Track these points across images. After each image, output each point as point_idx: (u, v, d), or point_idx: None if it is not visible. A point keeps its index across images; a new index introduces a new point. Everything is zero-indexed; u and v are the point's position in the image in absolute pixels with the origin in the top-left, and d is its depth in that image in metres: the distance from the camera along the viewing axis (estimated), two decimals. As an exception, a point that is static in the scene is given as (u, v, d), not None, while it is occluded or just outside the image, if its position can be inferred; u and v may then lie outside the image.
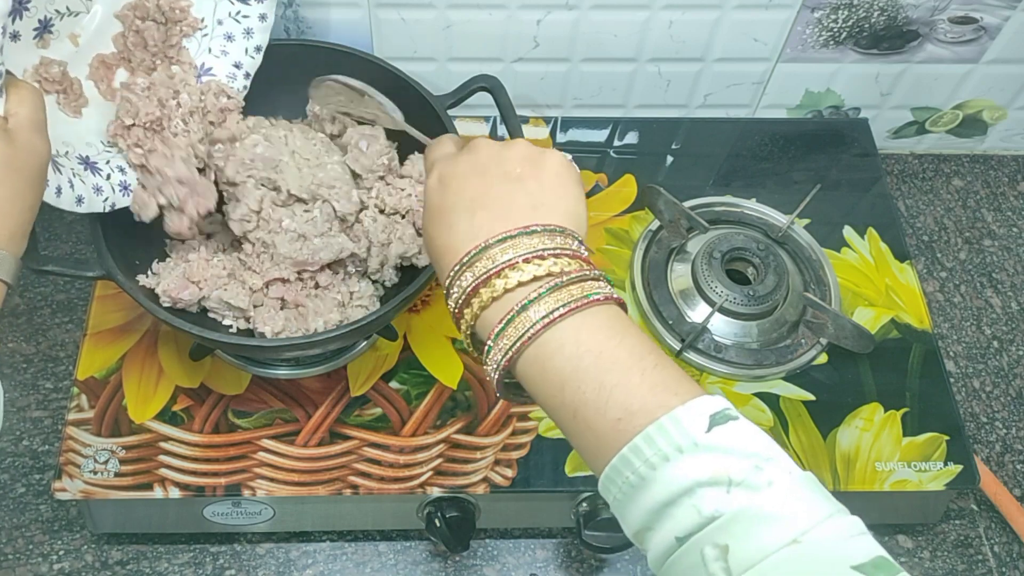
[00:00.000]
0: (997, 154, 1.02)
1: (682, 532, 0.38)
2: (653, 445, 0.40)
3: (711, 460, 0.39)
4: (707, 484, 0.38)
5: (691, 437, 0.39)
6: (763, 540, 0.37)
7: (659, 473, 0.39)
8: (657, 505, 0.39)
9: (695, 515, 0.38)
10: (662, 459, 0.39)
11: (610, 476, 0.41)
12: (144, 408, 0.73)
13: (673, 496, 0.39)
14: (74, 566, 0.74)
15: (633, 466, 0.40)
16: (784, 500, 0.38)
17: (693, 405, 0.40)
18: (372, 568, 0.75)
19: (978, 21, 0.86)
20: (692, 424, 0.40)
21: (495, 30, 0.85)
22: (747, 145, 0.93)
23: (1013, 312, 0.91)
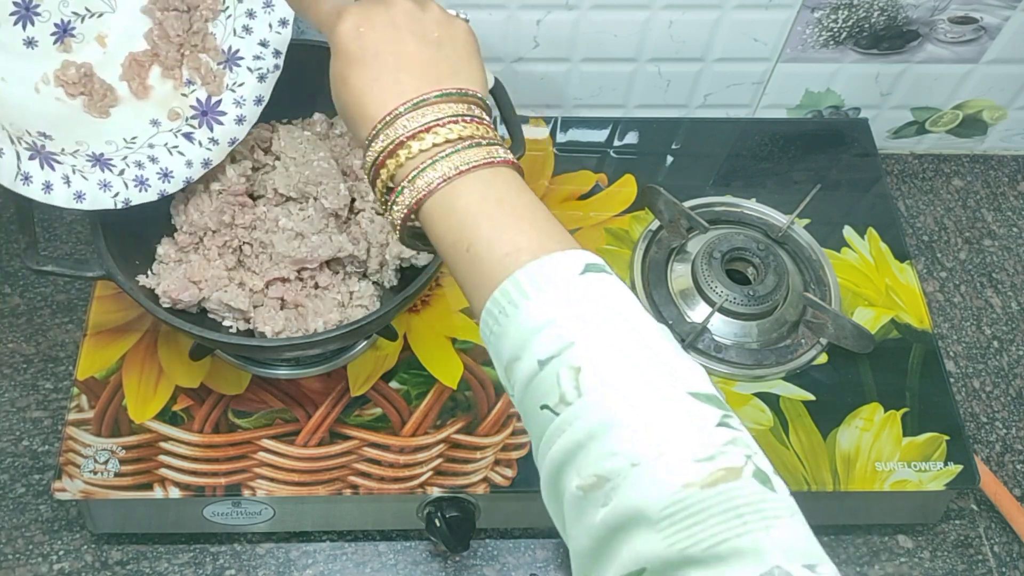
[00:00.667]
0: (997, 154, 1.02)
1: (544, 355, 0.41)
2: (530, 278, 0.43)
3: (577, 296, 0.42)
4: (569, 314, 0.42)
5: (565, 276, 0.43)
6: (614, 361, 0.40)
7: (531, 302, 0.42)
8: (526, 332, 0.42)
9: (556, 340, 0.41)
10: (536, 290, 0.42)
11: (490, 309, 0.44)
12: (144, 408, 0.73)
13: (540, 324, 0.42)
14: (74, 566, 0.74)
15: (510, 296, 0.43)
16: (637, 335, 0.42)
17: (573, 253, 0.44)
18: (372, 568, 0.75)
19: (978, 21, 0.86)
20: (569, 265, 0.43)
21: (495, 30, 0.85)
22: (747, 145, 0.93)
23: (1013, 312, 0.91)
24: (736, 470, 0.37)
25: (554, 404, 0.41)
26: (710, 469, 0.37)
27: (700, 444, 0.38)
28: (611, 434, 0.39)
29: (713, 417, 0.39)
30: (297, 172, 0.72)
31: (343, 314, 0.70)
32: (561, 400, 0.41)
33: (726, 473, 0.37)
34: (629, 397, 0.40)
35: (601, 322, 0.42)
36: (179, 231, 0.72)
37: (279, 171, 0.72)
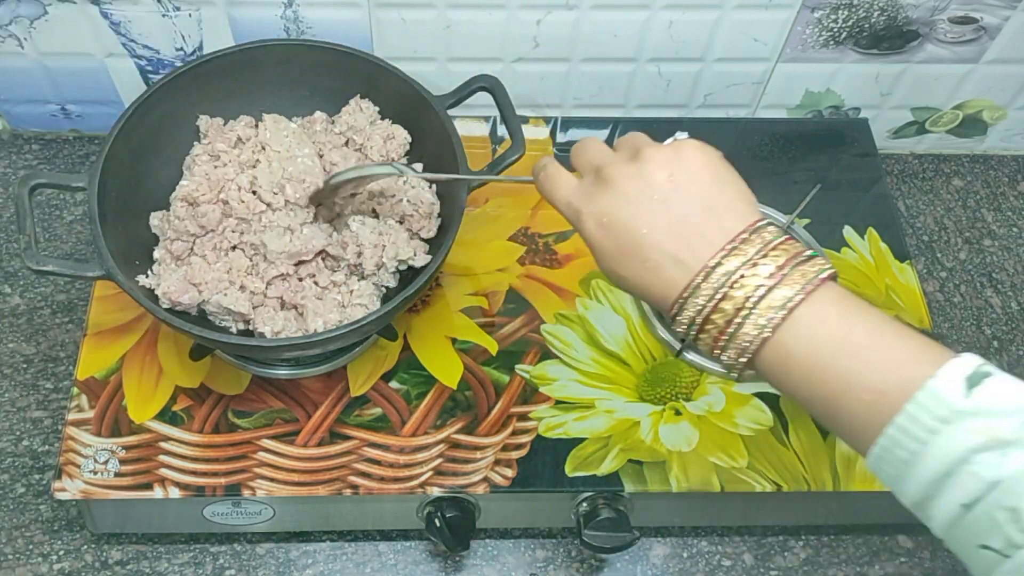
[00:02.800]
0: (997, 154, 1.02)
1: (967, 499, 0.39)
2: (916, 422, 0.40)
3: (978, 425, 0.39)
4: (981, 450, 0.39)
5: (952, 406, 0.39)
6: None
7: (930, 448, 0.40)
8: (934, 476, 0.40)
9: (976, 482, 0.39)
10: (929, 433, 0.40)
11: (880, 456, 0.42)
12: (144, 408, 0.73)
13: (949, 467, 0.39)
14: (74, 566, 0.74)
15: (902, 444, 0.40)
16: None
17: (945, 372, 0.40)
18: (372, 568, 0.75)
19: (978, 21, 0.86)
20: (950, 392, 0.40)
21: (495, 30, 0.85)
22: (747, 145, 0.93)
23: (1013, 312, 0.91)
24: None
25: (1001, 547, 0.39)
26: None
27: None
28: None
29: None
30: (280, 168, 0.72)
31: (343, 314, 0.70)
32: (1008, 543, 0.38)
33: None
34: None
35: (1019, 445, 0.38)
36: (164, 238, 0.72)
37: (262, 166, 0.73)
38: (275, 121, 0.76)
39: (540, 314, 0.80)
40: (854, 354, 0.42)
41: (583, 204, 0.50)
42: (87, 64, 0.87)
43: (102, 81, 0.89)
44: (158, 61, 0.87)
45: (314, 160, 0.73)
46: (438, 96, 0.75)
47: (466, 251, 0.82)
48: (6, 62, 0.87)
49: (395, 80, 0.76)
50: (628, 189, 0.48)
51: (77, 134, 0.96)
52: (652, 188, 0.47)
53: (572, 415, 0.75)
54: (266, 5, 0.82)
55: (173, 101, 0.75)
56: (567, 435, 0.74)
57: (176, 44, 0.85)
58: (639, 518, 0.73)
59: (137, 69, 0.88)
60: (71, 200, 0.91)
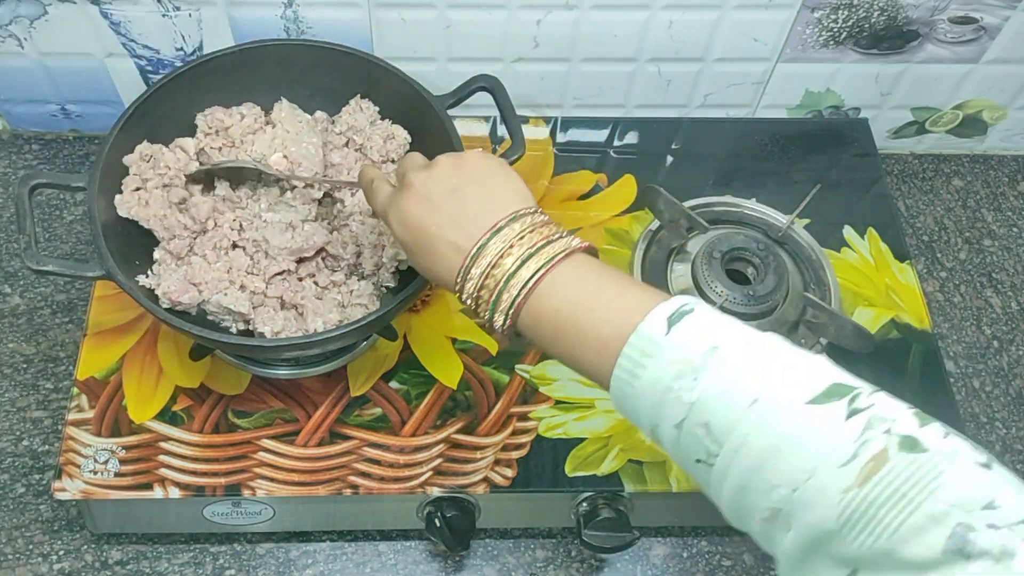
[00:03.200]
0: (997, 154, 1.02)
1: (675, 420, 0.45)
2: (630, 360, 0.46)
3: (674, 356, 0.45)
4: (678, 377, 0.44)
5: (655, 342, 0.46)
6: (731, 409, 0.43)
7: (642, 381, 0.46)
8: (651, 405, 0.46)
9: (678, 405, 0.45)
10: (640, 367, 0.46)
11: (615, 395, 0.48)
12: (144, 408, 0.73)
13: (659, 395, 0.45)
14: (74, 566, 0.74)
15: (624, 380, 0.47)
16: (740, 369, 0.44)
17: (652, 315, 0.46)
18: (372, 568, 0.75)
19: (978, 21, 0.86)
20: (653, 331, 0.46)
21: (495, 30, 0.85)
22: (747, 145, 0.93)
23: (1013, 312, 0.91)
24: (881, 454, 0.39)
25: (704, 458, 0.44)
26: (858, 467, 0.39)
27: (838, 448, 0.40)
28: (761, 472, 0.42)
29: (839, 413, 0.41)
30: (282, 144, 0.73)
31: (343, 314, 0.70)
32: (708, 453, 0.44)
33: (874, 463, 0.39)
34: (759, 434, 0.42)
35: (705, 375, 0.44)
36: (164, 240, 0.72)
37: (267, 134, 0.73)
38: (292, 108, 0.76)
39: (540, 314, 0.80)
40: (585, 312, 0.49)
41: (389, 207, 0.57)
42: (87, 64, 0.87)
43: (102, 81, 0.89)
44: (158, 61, 0.87)
45: (317, 150, 0.73)
46: (438, 96, 0.75)
47: (466, 251, 0.82)
48: (6, 62, 0.87)
49: (395, 80, 0.76)
50: (420, 190, 0.55)
51: (77, 134, 0.96)
52: (440, 187, 0.55)
53: (572, 415, 0.75)
54: (266, 5, 0.82)
55: (173, 101, 0.75)
56: (567, 435, 0.74)
57: (176, 44, 0.85)
58: (639, 518, 0.73)
59: (137, 69, 0.88)
60: (71, 200, 0.91)
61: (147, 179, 0.72)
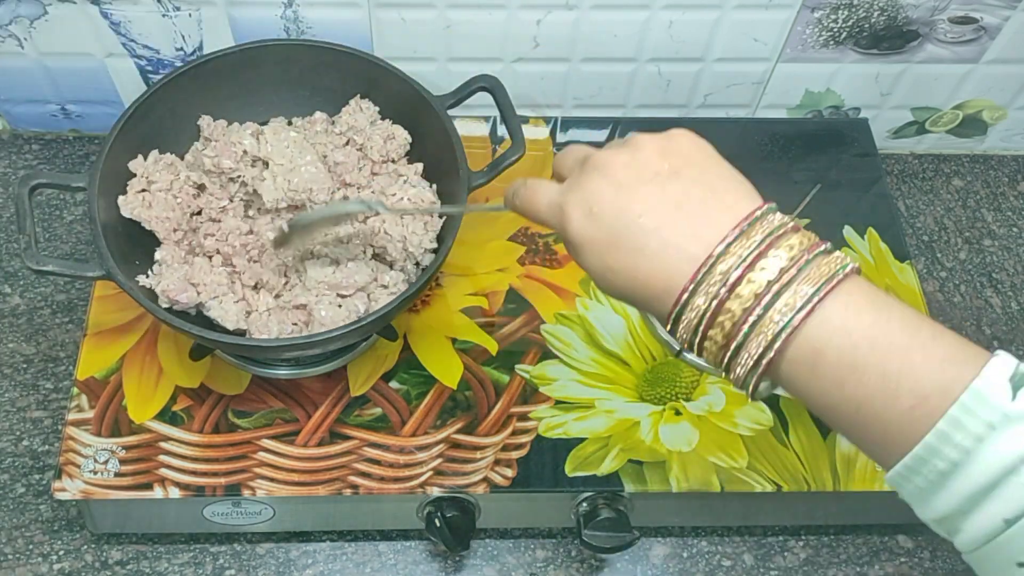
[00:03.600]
0: (997, 154, 1.02)
1: (1011, 514, 0.36)
2: (961, 428, 0.36)
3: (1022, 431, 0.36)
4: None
5: (1000, 410, 0.36)
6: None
7: (975, 456, 0.36)
8: (976, 488, 0.37)
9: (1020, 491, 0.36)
10: (975, 440, 0.36)
11: (911, 467, 0.38)
12: (144, 408, 0.73)
13: (996, 477, 0.36)
14: (74, 566, 0.74)
15: (942, 453, 0.37)
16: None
17: (989, 373, 0.37)
18: (372, 568, 0.75)
19: (978, 21, 0.86)
20: (995, 395, 0.36)
21: (495, 30, 0.85)
22: (747, 145, 0.93)
23: (1013, 312, 0.91)
24: None
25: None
26: None
27: None
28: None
29: None
30: (284, 181, 0.71)
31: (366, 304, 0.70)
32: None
33: None
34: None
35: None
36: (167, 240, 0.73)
37: (267, 181, 0.71)
38: (274, 132, 0.74)
39: (540, 314, 0.80)
40: (892, 354, 0.38)
41: (568, 196, 0.44)
42: (87, 64, 0.87)
43: (102, 81, 0.89)
44: (158, 61, 0.87)
45: (318, 167, 0.72)
46: (438, 96, 0.75)
47: (466, 251, 0.82)
48: (6, 62, 0.87)
49: (395, 80, 0.76)
50: (620, 176, 0.43)
51: (77, 134, 0.96)
52: (647, 172, 0.43)
53: (572, 415, 0.75)
54: (266, 5, 0.82)
55: (173, 101, 0.75)
56: (567, 435, 0.74)
57: (176, 44, 0.85)
58: (639, 518, 0.73)
59: (137, 69, 0.88)
60: (71, 200, 0.91)
61: (153, 181, 0.72)
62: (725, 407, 0.76)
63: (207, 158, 0.73)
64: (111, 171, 0.71)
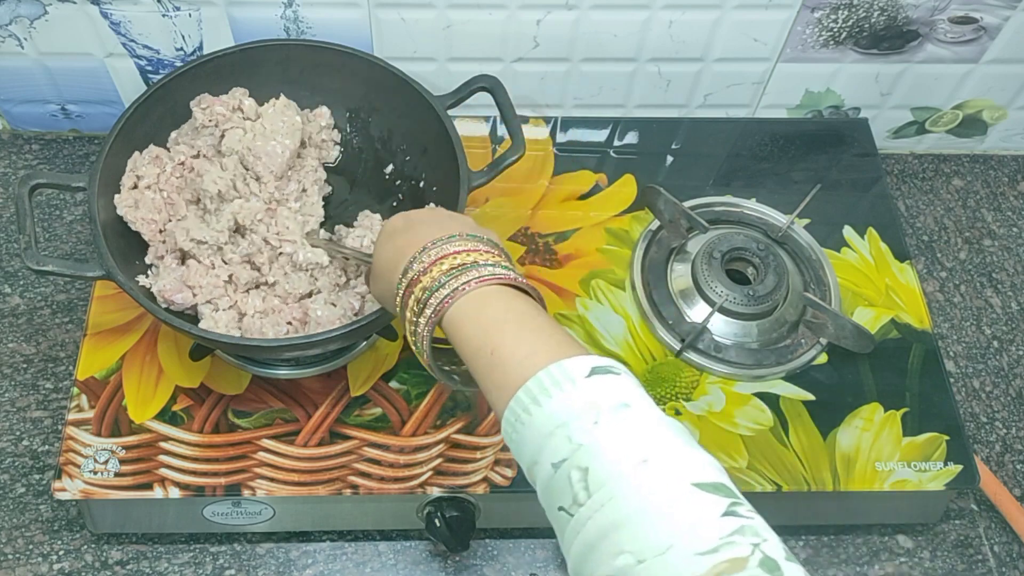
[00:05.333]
0: (997, 154, 1.02)
1: (556, 458, 0.44)
2: (540, 384, 0.45)
3: (584, 397, 0.44)
4: (577, 417, 0.44)
5: (571, 377, 0.45)
6: (618, 459, 0.42)
7: (542, 408, 0.45)
8: (540, 436, 0.45)
9: (566, 443, 0.44)
10: (545, 394, 0.45)
11: (508, 417, 0.47)
12: (144, 408, 0.73)
13: (552, 427, 0.44)
14: (74, 566, 0.74)
15: (523, 403, 0.46)
16: (642, 431, 0.43)
17: (581, 357, 0.46)
18: (372, 568, 0.75)
19: (978, 21, 0.86)
20: (575, 369, 0.46)
21: (495, 30, 0.85)
22: (747, 145, 0.93)
23: (1013, 312, 0.91)
24: (741, 560, 0.38)
25: (568, 505, 0.43)
26: (714, 561, 0.38)
27: (703, 537, 0.39)
28: (618, 533, 0.40)
29: (718, 507, 0.40)
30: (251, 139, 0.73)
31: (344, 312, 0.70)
32: (574, 501, 0.43)
33: (730, 565, 0.38)
34: (633, 494, 0.41)
35: (606, 423, 0.43)
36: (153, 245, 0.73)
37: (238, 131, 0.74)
38: (285, 107, 0.76)
39: (540, 314, 0.80)
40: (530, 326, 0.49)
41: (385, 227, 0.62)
42: (87, 64, 0.87)
43: (102, 81, 0.89)
44: (158, 61, 0.87)
45: (284, 151, 0.74)
46: (438, 96, 0.75)
47: (466, 251, 0.82)
48: (6, 62, 0.87)
49: (395, 80, 0.76)
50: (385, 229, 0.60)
51: (77, 134, 0.96)
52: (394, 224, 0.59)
53: (572, 415, 0.75)
54: (266, 5, 0.82)
55: (173, 101, 0.75)
56: (567, 435, 0.74)
57: (176, 44, 0.85)
58: (639, 518, 0.73)
59: (137, 69, 0.88)
60: (71, 200, 0.91)
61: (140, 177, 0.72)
62: (725, 407, 0.76)
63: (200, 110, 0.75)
64: (111, 171, 0.71)
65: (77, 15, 0.82)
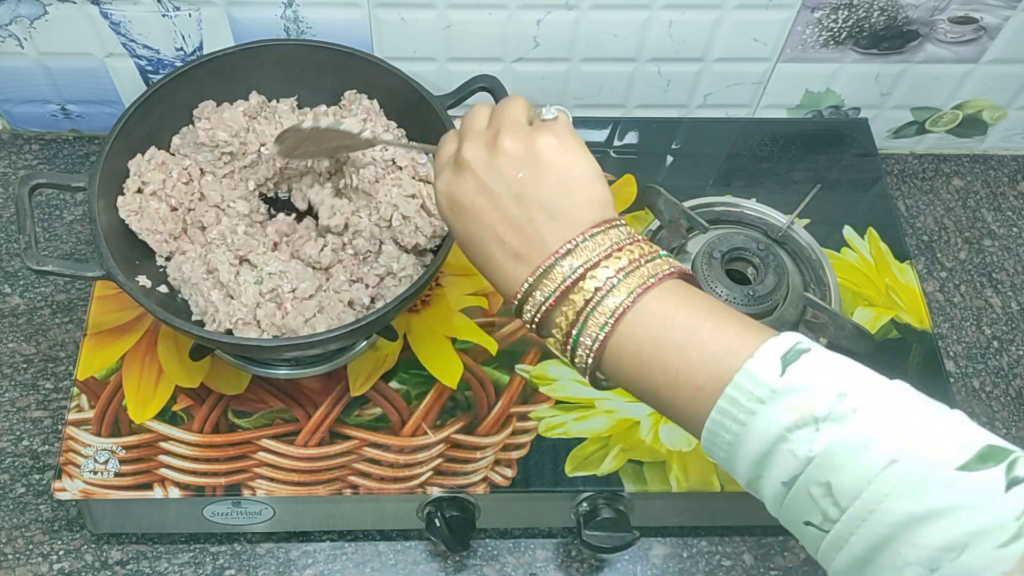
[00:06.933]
0: (997, 154, 1.02)
1: (786, 477, 0.39)
2: (736, 404, 0.40)
3: (792, 403, 0.39)
4: (795, 427, 0.39)
5: (767, 386, 0.40)
6: (862, 468, 0.37)
7: (749, 428, 0.40)
8: (757, 457, 0.40)
9: (792, 459, 0.39)
10: (748, 414, 0.40)
11: (710, 441, 0.42)
12: (144, 408, 0.73)
13: (768, 446, 0.40)
14: (74, 566, 0.74)
15: (725, 427, 0.41)
16: (873, 421, 0.38)
17: (761, 354, 0.41)
18: (372, 568, 0.75)
19: (978, 21, 0.86)
20: (765, 372, 0.40)
21: (495, 30, 0.85)
22: (747, 145, 0.93)
23: (1013, 312, 0.91)
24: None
25: (819, 522, 0.39)
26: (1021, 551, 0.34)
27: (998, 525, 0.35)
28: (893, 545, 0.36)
29: (996, 481, 0.36)
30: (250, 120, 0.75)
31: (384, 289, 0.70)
32: (825, 518, 0.39)
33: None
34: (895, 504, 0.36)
35: (828, 428, 0.39)
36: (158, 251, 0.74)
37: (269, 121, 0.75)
38: (291, 108, 0.77)
39: (540, 314, 0.80)
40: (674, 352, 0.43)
41: (439, 183, 0.51)
42: (87, 64, 0.87)
43: (102, 81, 0.89)
44: (158, 61, 0.87)
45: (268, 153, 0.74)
46: (438, 96, 0.75)
47: (466, 251, 0.82)
48: (6, 62, 0.87)
49: (395, 80, 0.76)
50: (479, 180, 0.48)
51: (77, 134, 0.96)
52: (501, 183, 0.48)
53: (572, 415, 0.75)
54: (266, 5, 0.82)
55: (173, 101, 0.75)
56: (567, 435, 0.74)
57: (176, 44, 0.85)
58: (639, 518, 0.73)
59: (137, 69, 0.88)
60: (71, 200, 0.91)
61: (146, 182, 0.72)
62: (725, 407, 0.76)
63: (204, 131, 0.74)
64: (111, 171, 0.71)
65: (77, 15, 0.82)
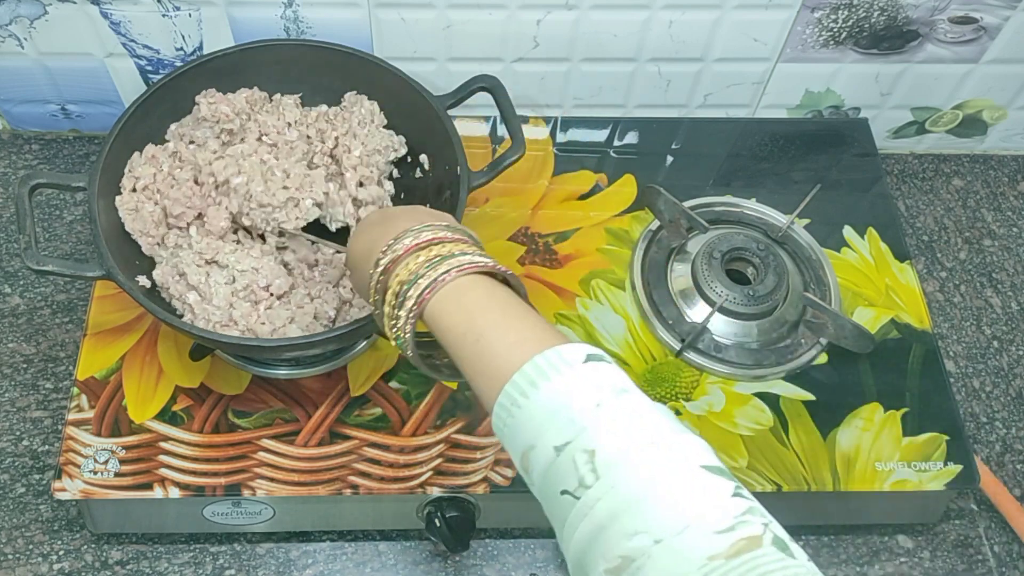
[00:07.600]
0: (997, 154, 1.02)
1: (559, 441, 0.43)
2: (537, 368, 0.45)
3: (583, 380, 0.45)
4: (579, 399, 0.44)
5: (568, 362, 0.45)
6: (625, 443, 0.42)
7: (540, 391, 0.44)
8: (539, 419, 0.44)
9: (569, 425, 0.43)
10: (543, 378, 0.45)
11: (502, 402, 0.46)
12: (144, 408, 0.73)
13: (552, 410, 0.44)
14: (74, 566, 0.74)
15: (520, 387, 0.45)
16: (643, 415, 0.44)
17: (576, 345, 0.46)
18: (372, 568, 0.75)
19: (978, 21, 0.86)
20: (571, 355, 0.46)
21: (495, 30, 0.85)
22: (747, 145, 0.93)
23: (1013, 312, 0.91)
24: (756, 539, 0.39)
25: (573, 488, 0.42)
26: (732, 540, 0.38)
27: (719, 516, 0.39)
28: (632, 513, 0.40)
29: (727, 488, 0.41)
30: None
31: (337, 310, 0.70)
32: (580, 484, 0.42)
33: (747, 543, 0.38)
34: (645, 475, 0.41)
35: (608, 406, 0.44)
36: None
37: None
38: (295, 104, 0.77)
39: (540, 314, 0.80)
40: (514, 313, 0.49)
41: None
42: (87, 64, 0.87)
43: (102, 81, 0.89)
44: (158, 61, 0.87)
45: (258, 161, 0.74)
46: (438, 96, 0.75)
47: (466, 251, 0.82)
48: (6, 62, 0.87)
49: (395, 80, 0.76)
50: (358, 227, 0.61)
51: (77, 134, 0.96)
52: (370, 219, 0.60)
53: (572, 415, 0.75)
54: (266, 5, 0.82)
55: (173, 101, 0.75)
56: (567, 435, 0.74)
57: (176, 44, 0.85)
58: (639, 518, 0.73)
59: (137, 69, 0.88)
60: (71, 200, 0.91)
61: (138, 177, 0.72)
62: (725, 407, 0.76)
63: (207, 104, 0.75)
64: (111, 171, 0.71)
65: (77, 15, 0.82)
